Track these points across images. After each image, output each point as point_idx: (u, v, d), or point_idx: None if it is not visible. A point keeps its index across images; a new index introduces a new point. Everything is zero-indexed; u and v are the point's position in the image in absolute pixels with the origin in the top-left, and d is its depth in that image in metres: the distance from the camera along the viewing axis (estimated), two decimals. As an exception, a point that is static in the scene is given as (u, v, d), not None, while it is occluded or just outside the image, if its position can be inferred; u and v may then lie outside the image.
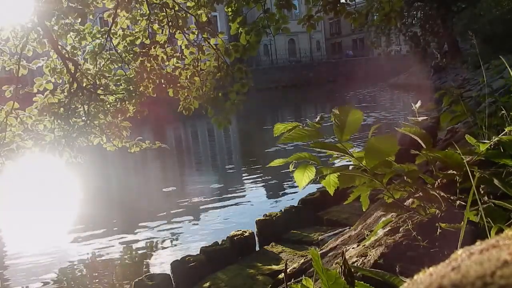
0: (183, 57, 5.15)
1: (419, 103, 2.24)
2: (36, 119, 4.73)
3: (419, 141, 1.79)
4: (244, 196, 8.63)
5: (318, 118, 1.68)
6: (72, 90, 4.72)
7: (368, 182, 1.71)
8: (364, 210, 2.01)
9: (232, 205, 7.98)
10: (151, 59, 4.92)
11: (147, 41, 5.05)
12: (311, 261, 1.22)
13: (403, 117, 15.26)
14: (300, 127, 1.59)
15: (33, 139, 4.72)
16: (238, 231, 5.31)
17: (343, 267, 1.13)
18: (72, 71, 4.66)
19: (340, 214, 5.65)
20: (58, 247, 6.62)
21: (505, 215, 1.37)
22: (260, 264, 4.64)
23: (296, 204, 6.35)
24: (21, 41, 4.46)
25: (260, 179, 9.66)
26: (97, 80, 4.95)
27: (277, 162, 1.72)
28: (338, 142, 1.58)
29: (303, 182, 1.64)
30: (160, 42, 4.98)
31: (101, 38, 4.94)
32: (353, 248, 2.06)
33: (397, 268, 1.40)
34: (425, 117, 2.23)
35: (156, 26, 5.03)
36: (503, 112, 2.33)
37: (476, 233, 1.38)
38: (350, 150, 1.63)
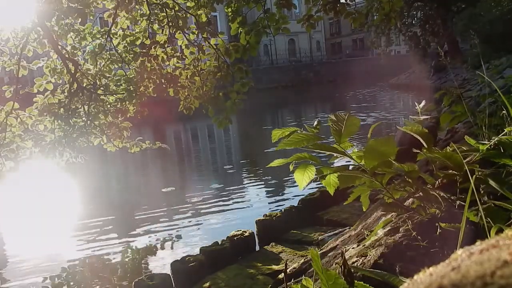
0: (183, 57, 5.15)
1: (423, 103, 2.22)
2: (36, 120, 4.73)
3: (421, 140, 1.79)
4: (244, 196, 8.63)
5: (315, 123, 1.68)
6: (72, 90, 4.72)
7: (368, 182, 1.71)
8: (364, 210, 2.01)
9: (232, 205, 7.98)
10: (151, 59, 4.92)
11: (147, 41, 5.05)
12: (311, 261, 1.22)
13: (403, 117, 15.28)
14: (298, 131, 1.59)
15: (33, 139, 4.72)
16: (238, 231, 5.31)
17: (342, 267, 1.13)
18: (72, 71, 4.66)
19: (340, 214, 5.65)
20: (58, 247, 6.62)
21: (505, 215, 1.37)
22: (260, 264, 4.64)
23: (296, 204, 6.35)
24: (21, 42, 4.46)
25: (260, 179, 9.66)
26: (97, 80, 4.96)
27: (277, 163, 1.72)
28: (337, 144, 1.59)
29: (303, 182, 1.65)
30: (160, 42, 4.98)
31: (101, 38, 4.94)
32: (353, 248, 2.06)
33: (397, 268, 1.40)
34: (426, 117, 2.22)
35: (156, 26, 5.03)
36: (503, 112, 2.32)
37: (476, 233, 1.38)
38: (349, 150, 1.63)
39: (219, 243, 5.10)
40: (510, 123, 2.16)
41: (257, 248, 5.35)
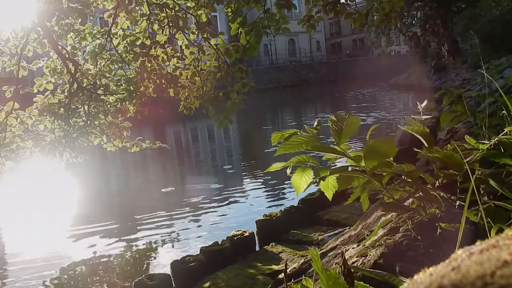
0: (184, 57, 5.15)
1: (425, 102, 2.21)
2: (36, 120, 4.73)
3: (421, 139, 1.79)
4: (244, 196, 8.63)
5: (315, 123, 1.67)
6: (72, 90, 4.72)
7: (368, 183, 1.71)
8: (364, 210, 2.01)
9: (232, 205, 7.98)
10: (152, 59, 4.92)
11: (148, 42, 5.05)
12: (311, 261, 1.22)
13: (403, 117, 15.28)
14: (298, 133, 1.57)
15: (33, 139, 4.72)
16: (238, 231, 5.31)
17: (342, 267, 1.13)
18: (72, 71, 4.66)
19: (340, 214, 5.65)
20: (58, 247, 6.62)
21: (505, 215, 1.37)
22: (260, 264, 4.64)
23: (296, 204, 6.35)
24: (21, 42, 4.46)
25: (260, 179, 9.66)
26: (97, 80, 4.96)
27: (275, 167, 1.69)
28: (337, 145, 1.58)
29: (301, 188, 1.62)
30: (160, 42, 4.98)
31: (101, 38, 4.94)
32: (353, 248, 2.06)
33: (397, 268, 1.40)
34: (427, 116, 2.21)
35: (156, 26, 5.03)
36: (503, 112, 2.32)
37: (476, 233, 1.38)
38: (348, 151, 1.63)
39: (219, 243, 5.10)
40: (510, 123, 2.15)
41: (257, 248, 5.35)
